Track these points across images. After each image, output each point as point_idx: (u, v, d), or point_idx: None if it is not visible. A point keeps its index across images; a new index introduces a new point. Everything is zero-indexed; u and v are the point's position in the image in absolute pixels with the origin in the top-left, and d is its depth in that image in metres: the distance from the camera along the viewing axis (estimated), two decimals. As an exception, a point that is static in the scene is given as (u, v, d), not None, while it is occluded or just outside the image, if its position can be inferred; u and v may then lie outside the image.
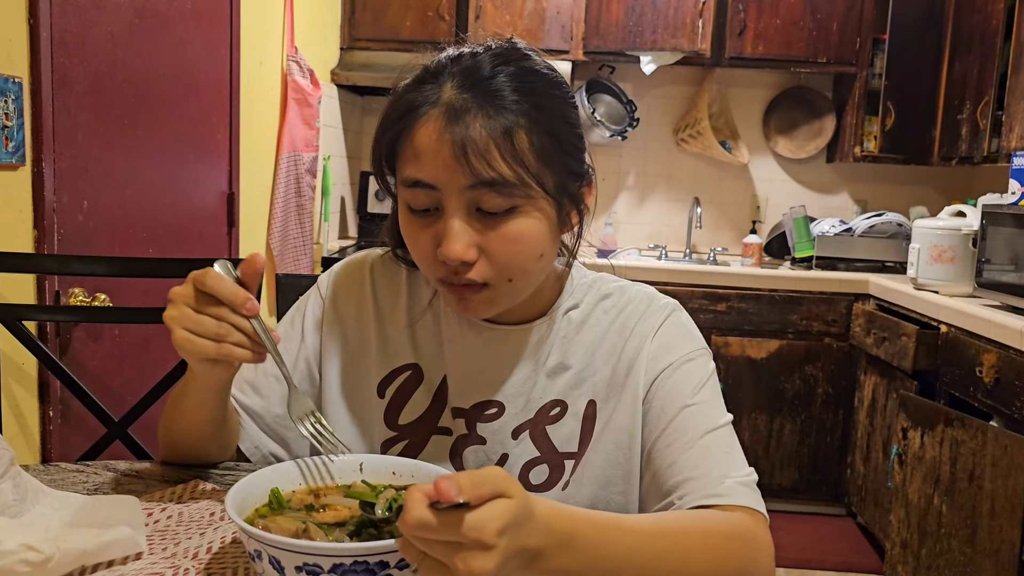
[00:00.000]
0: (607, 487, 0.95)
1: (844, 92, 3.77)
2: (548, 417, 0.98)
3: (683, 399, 0.92)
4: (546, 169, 0.86)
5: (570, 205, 0.91)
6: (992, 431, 2.25)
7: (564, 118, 0.89)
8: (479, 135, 0.82)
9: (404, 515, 0.58)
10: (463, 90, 0.84)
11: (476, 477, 0.59)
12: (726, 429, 0.92)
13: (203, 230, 2.28)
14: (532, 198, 0.86)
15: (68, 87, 1.69)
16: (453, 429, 0.99)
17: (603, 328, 0.99)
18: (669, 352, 0.96)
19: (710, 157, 3.91)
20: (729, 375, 3.36)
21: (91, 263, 1.53)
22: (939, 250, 2.81)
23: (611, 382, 0.97)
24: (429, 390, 1.01)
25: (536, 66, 0.89)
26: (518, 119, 0.84)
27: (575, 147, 0.91)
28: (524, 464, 0.97)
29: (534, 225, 0.87)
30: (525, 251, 0.87)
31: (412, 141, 0.86)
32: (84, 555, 0.77)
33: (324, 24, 3.44)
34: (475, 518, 0.58)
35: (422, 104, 0.86)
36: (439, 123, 0.84)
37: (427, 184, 0.85)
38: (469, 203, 0.85)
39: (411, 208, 0.88)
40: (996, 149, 2.92)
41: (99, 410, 1.41)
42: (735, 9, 3.54)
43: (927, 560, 2.55)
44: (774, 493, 3.43)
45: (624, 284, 1.03)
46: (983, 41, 3.05)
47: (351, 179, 3.88)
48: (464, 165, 0.82)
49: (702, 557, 0.77)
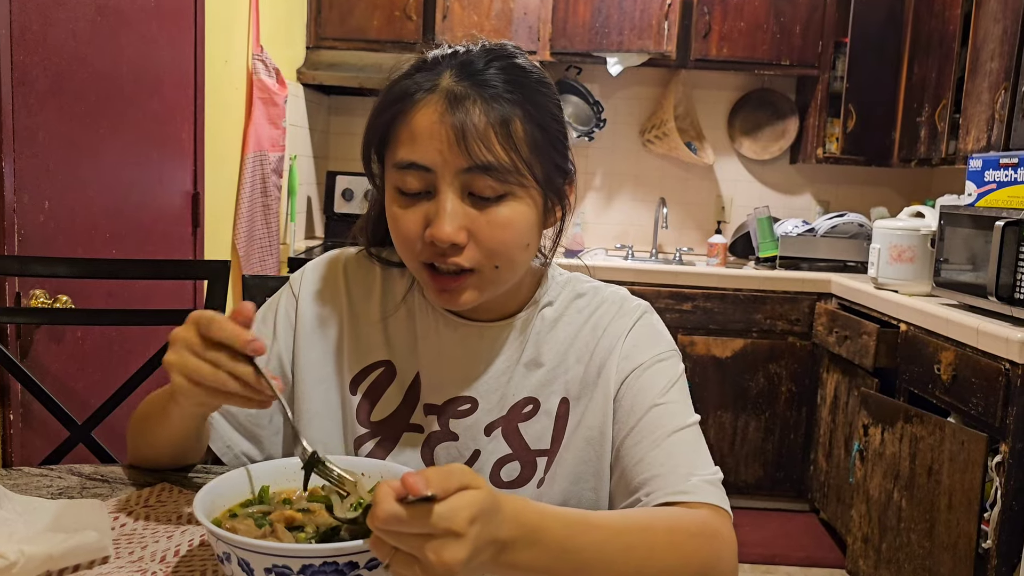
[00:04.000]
0: (579, 483, 0.97)
1: (807, 94, 3.83)
2: (521, 414, 0.99)
3: (652, 398, 0.94)
4: (537, 160, 0.89)
5: (555, 199, 0.94)
6: (950, 427, 2.30)
7: (553, 115, 0.93)
8: (479, 120, 0.85)
9: (373, 510, 0.59)
10: (461, 79, 0.87)
11: (442, 471, 0.60)
12: (693, 429, 0.94)
13: (167, 230, 2.26)
14: (523, 186, 0.88)
15: (28, 85, 1.66)
16: (425, 426, 1.00)
17: (576, 327, 1.01)
18: (640, 353, 0.98)
19: (676, 158, 3.94)
20: (695, 374, 3.40)
21: (53, 264, 1.51)
22: (899, 250, 2.87)
23: (583, 380, 0.99)
24: (402, 387, 1.01)
25: (526, 65, 0.92)
26: (514, 109, 0.87)
27: (562, 144, 0.94)
28: (496, 461, 0.98)
29: (523, 212, 0.89)
30: (513, 238, 0.89)
31: (409, 124, 0.88)
32: (50, 560, 0.77)
33: (290, 23, 3.41)
34: (445, 508, 0.59)
35: (419, 90, 0.88)
36: (439, 107, 0.86)
37: (422, 166, 0.86)
38: (463, 186, 0.87)
39: (401, 191, 0.89)
40: (953, 151, 2.99)
41: (62, 413, 1.39)
42: (700, 12, 3.58)
43: (887, 554, 2.61)
44: (739, 490, 3.47)
45: (598, 284, 1.05)
46: (941, 46, 3.11)
47: (318, 179, 3.86)
48: (462, 148, 0.85)
49: (667, 553, 0.79)
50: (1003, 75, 2.61)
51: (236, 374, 0.79)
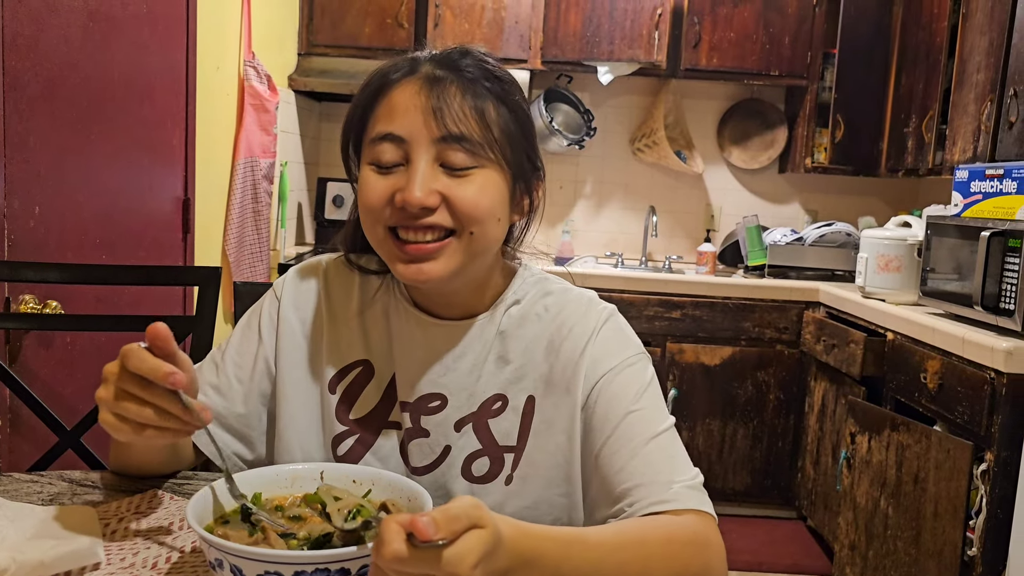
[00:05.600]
0: (550, 488, 0.98)
1: (796, 104, 3.86)
2: (490, 411, 1.00)
3: (626, 405, 0.95)
4: (508, 144, 0.93)
5: (523, 188, 0.98)
6: (936, 435, 2.32)
7: (526, 113, 0.98)
8: (456, 99, 0.90)
9: (381, 548, 0.59)
10: (439, 67, 0.93)
11: (450, 513, 0.60)
12: (669, 433, 0.95)
13: (158, 236, 2.25)
14: (494, 162, 0.92)
15: (20, 91, 1.66)
16: (402, 423, 1.01)
17: (543, 325, 1.02)
18: (609, 357, 0.98)
19: (666, 167, 3.96)
20: (683, 381, 3.41)
21: (43, 270, 1.51)
22: (886, 259, 2.89)
23: (549, 379, 0.99)
24: (380, 386, 1.03)
25: (496, 65, 0.97)
26: (489, 96, 0.93)
27: (532, 136, 0.99)
28: (466, 456, 0.99)
29: (495, 182, 0.93)
30: (486, 204, 0.91)
31: (389, 100, 0.92)
32: (41, 566, 0.77)
33: (282, 30, 3.42)
34: (453, 554, 0.60)
35: (398, 72, 0.93)
36: (418, 85, 0.91)
37: (397, 136, 0.90)
38: (436, 155, 0.90)
39: (376, 166, 0.92)
40: (940, 162, 3.01)
41: (51, 419, 1.39)
42: (690, 22, 3.61)
43: (874, 561, 2.62)
44: (727, 497, 3.48)
45: (567, 286, 1.06)
46: (928, 57, 3.14)
47: (308, 185, 3.86)
48: (438, 119, 0.89)
49: (663, 565, 0.80)
50: (989, 87, 2.63)
51: (160, 406, 0.78)
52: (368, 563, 0.70)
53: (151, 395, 0.78)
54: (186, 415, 0.79)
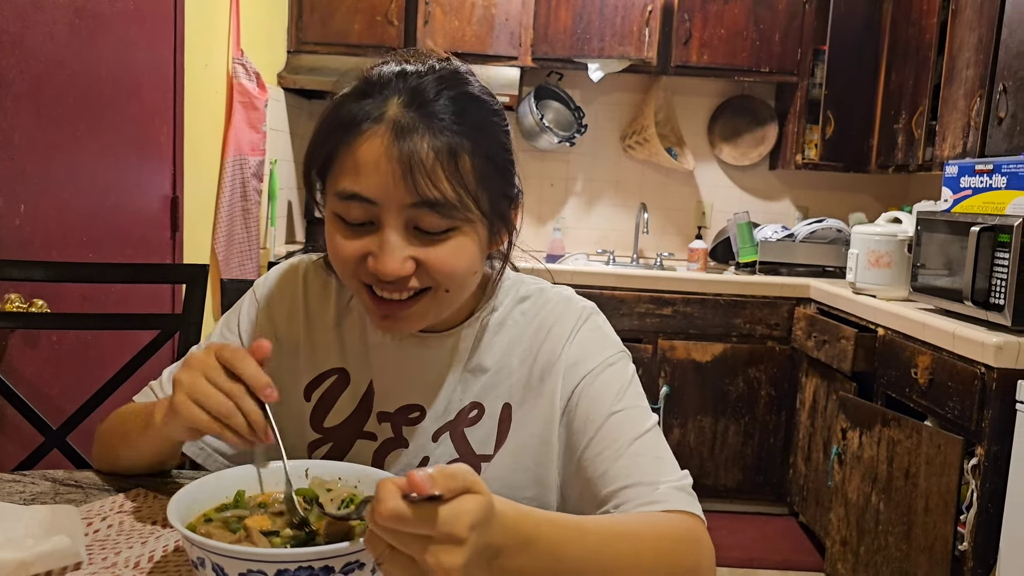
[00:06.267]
0: (515, 491, 0.95)
1: (786, 101, 3.86)
2: (467, 419, 0.99)
3: (608, 406, 0.93)
4: (483, 192, 0.87)
5: (500, 225, 0.93)
6: (927, 431, 2.32)
7: (501, 144, 0.92)
8: (426, 153, 0.83)
9: (377, 506, 0.58)
10: (409, 108, 0.84)
11: (447, 471, 0.60)
12: (653, 432, 0.93)
13: (146, 234, 2.24)
14: (469, 220, 0.87)
15: (5, 88, 1.65)
16: (379, 434, 1.00)
17: (520, 330, 1.01)
18: (589, 358, 0.97)
19: (656, 163, 3.96)
20: (674, 378, 3.41)
21: (28, 268, 1.50)
22: (876, 255, 2.89)
23: (527, 384, 0.98)
24: (355, 394, 1.02)
25: (476, 92, 0.90)
26: (462, 142, 0.85)
27: (509, 172, 0.93)
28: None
29: (469, 245, 0.88)
30: (462, 266, 0.88)
31: (354, 154, 0.85)
32: (22, 565, 0.76)
33: (271, 27, 3.40)
34: (449, 511, 0.59)
35: (365, 119, 0.85)
36: (385, 139, 0.83)
37: (366, 199, 0.84)
38: (408, 221, 0.85)
39: (344, 220, 0.87)
40: (930, 158, 3.02)
41: (36, 418, 1.38)
42: (681, 19, 3.60)
43: (865, 557, 2.62)
44: (718, 494, 3.49)
45: (544, 286, 1.05)
46: (918, 54, 3.15)
47: (298, 183, 3.84)
48: (409, 183, 0.82)
49: (654, 559, 0.79)
50: (978, 83, 2.64)
51: (245, 411, 0.81)
52: (351, 560, 0.70)
53: (235, 393, 0.81)
54: (257, 427, 0.82)
